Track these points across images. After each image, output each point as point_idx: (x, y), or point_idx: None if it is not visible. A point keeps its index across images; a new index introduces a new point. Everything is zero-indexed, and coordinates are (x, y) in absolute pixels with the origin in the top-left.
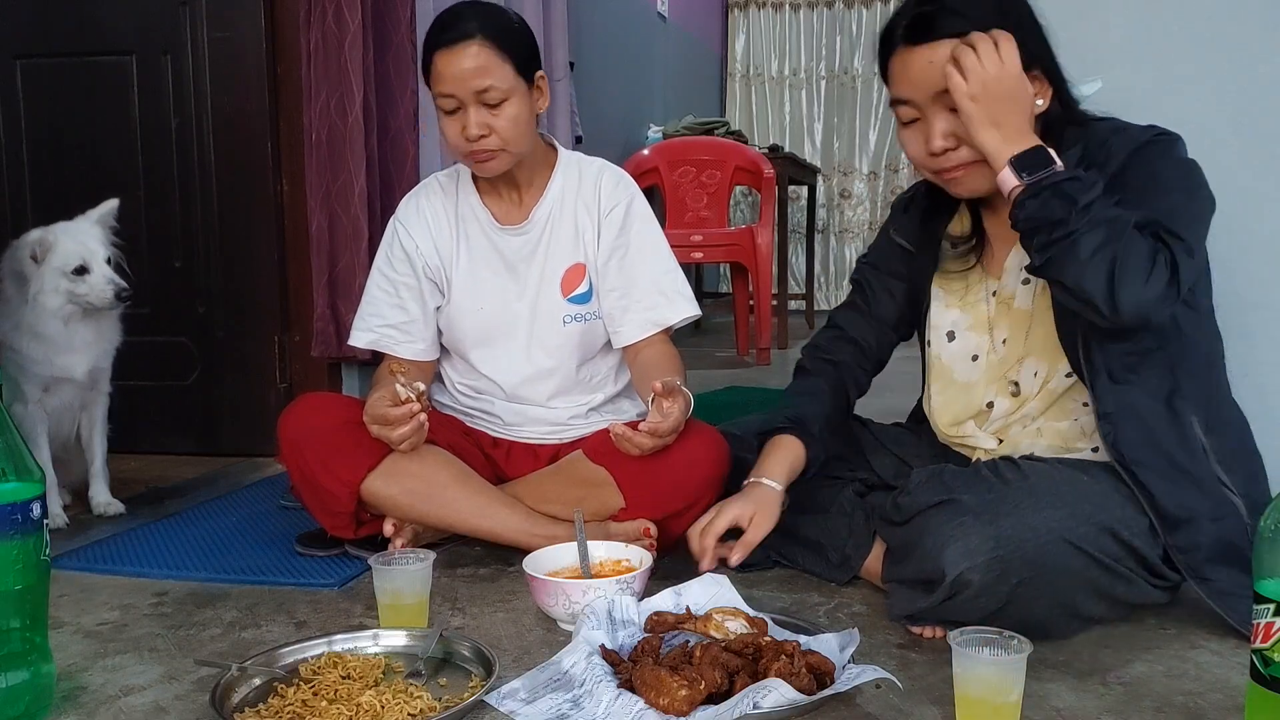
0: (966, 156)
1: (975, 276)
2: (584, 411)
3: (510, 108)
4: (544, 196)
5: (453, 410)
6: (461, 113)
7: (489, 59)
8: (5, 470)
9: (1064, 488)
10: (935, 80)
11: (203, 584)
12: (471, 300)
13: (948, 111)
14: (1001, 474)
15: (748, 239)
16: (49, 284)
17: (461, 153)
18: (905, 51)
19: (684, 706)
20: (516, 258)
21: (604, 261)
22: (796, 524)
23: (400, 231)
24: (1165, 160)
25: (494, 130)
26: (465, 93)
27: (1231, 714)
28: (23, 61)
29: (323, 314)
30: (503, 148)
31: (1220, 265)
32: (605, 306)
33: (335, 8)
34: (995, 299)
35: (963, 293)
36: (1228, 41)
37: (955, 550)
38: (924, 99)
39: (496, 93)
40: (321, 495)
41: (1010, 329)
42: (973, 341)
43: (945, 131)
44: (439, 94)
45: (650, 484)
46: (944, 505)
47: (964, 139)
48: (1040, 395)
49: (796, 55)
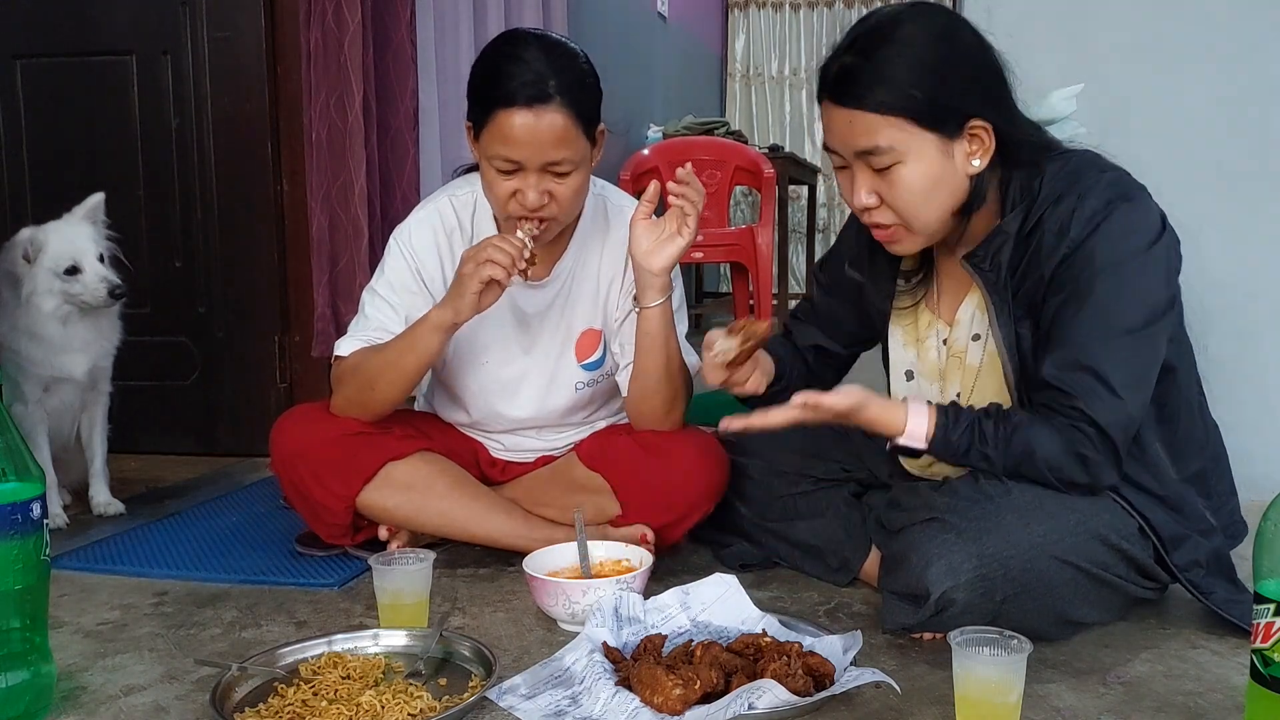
0: (891, 219)
1: (926, 318)
2: (583, 431)
3: (576, 178)
4: (568, 249)
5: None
6: (520, 175)
7: (568, 128)
8: (5, 470)
9: (1048, 498)
10: (854, 142)
11: (203, 584)
12: (472, 353)
13: (872, 172)
14: (984, 489)
15: (748, 239)
16: (42, 285)
17: (509, 215)
18: (829, 105)
19: (678, 705)
20: (532, 313)
21: (620, 320)
22: (794, 529)
23: (410, 260)
24: (1112, 248)
25: (554, 198)
26: (535, 161)
27: (1231, 714)
28: (23, 61)
29: (323, 314)
30: (556, 217)
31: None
32: (614, 351)
33: (335, 7)
34: (947, 349)
35: (915, 332)
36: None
37: (938, 569)
38: (847, 154)
39: (568, 164)
40: (316, 509)
41: (962, 383)
42: (926, 388)
43: (868, 189)
44: (500, 155)
45: (646, 491)
46: (929, 523)
47: (886, 202)
48: None
49: (796, 55)
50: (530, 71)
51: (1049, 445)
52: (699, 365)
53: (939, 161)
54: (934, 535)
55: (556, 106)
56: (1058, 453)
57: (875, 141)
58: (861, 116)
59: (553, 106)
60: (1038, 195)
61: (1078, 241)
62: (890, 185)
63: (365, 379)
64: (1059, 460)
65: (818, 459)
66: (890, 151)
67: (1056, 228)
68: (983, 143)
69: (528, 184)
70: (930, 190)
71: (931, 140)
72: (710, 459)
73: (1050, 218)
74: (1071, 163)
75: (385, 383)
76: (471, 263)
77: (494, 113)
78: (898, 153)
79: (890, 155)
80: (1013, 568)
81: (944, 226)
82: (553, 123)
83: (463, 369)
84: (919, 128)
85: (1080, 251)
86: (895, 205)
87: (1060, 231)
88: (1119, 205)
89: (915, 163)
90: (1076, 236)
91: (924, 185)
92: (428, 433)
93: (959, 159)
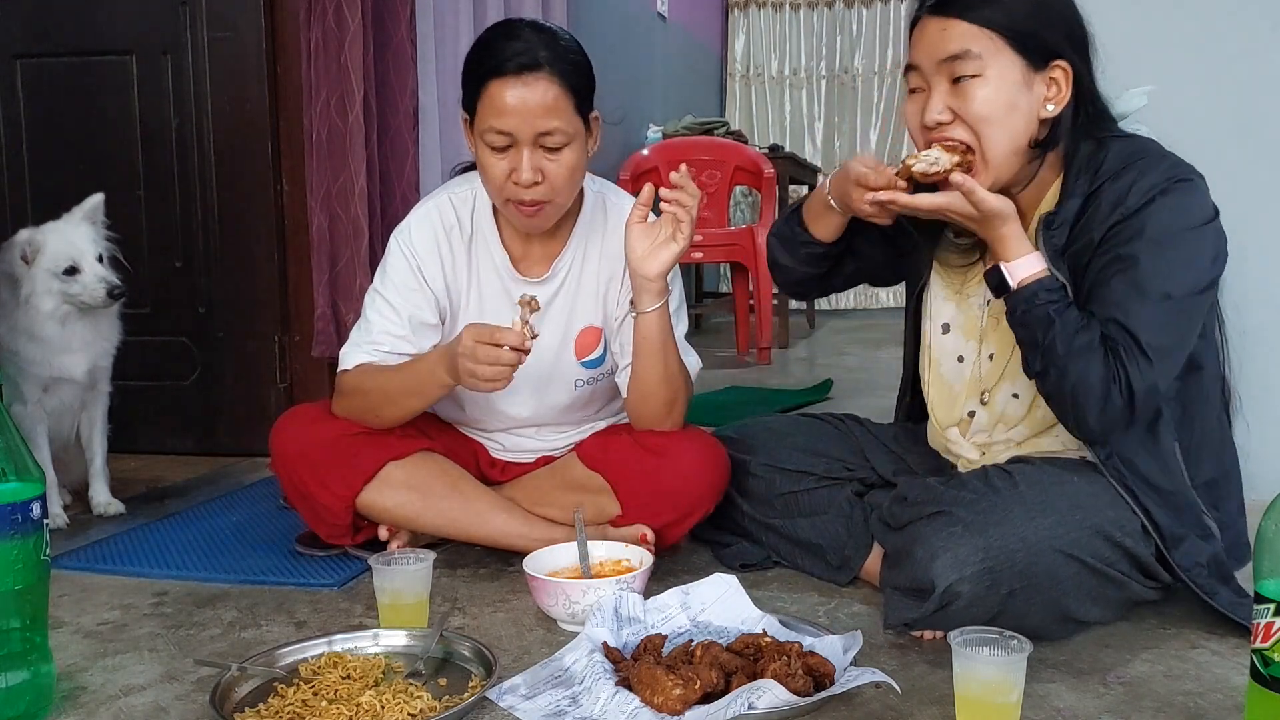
0: (962, 135)
1: (973, 276)
2: (583, 431)
3: (570, 154)
4: (567, 246)
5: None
6: (514, 152)
7: (559, 97)
8: (5, 470)
9: (1054, 494)
10: (943, 48)
11: (203, 584)
12: None
13: (950, 86)
14: (992, 483)
15: (748, 239)
16: (41, 285)
17: (505, 197)
18: (925, 19)
19: (678, 705)
20: None
21: (620, 319)
22: (795, 526)
23: (410, 259)
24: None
25: (547, 177)
26: (526, 131)
27: (1231, 714)
28: (23, 61)
29: (323, 314)
30: (552, 198)
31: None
32: (614, 351)
33: (335, 7)
34: (988, 310)
35: (959, 286)
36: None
37: (945, 561)
38: (930, 66)
39: (560, 135)
40: (316, 509)
41: (998, 346)
42: (962, 344)
43: (943, 104)
44: (492, 128)
45: (646, 491)
46: (936, 516)
47: (961, 116)
48: (1026, 421)
49: (796, 55)
50: (521, 42)
51: (1096, 369)
52: (700, 366)
53: (1017, 88)
54: (941, 528)
55: (546, 75)
56: (1097, 380)
57: (966, 46)
58: (957, 24)
59: (543, 75)
60: (1101, 167)
61: (1131, 210)
62: (966, 99)
63: (368, 405)
64: (1093, 385)
65: (820, 457)
66: (977, 60)
67: (1114, 199)
68: (1059, 88)
69: (521, 161)
70: (1004, 113)
71: (1017, 65)
72: (710, 459)
73: (1109, 189)
74: (1135, 143)
75: (389, 413)
76: (470, 377)
77: (486, 85)
78: (983, 63)
79: (975, 64)
80: (1019, 561)
81: (1010, 165)
82: (544, 91)
83: None
84: (1009, 48)
85: (1132, 220)
86: (968, 118)
87: (1117, 202)
88: (1178, 185)
89: (996, 81)
90: (1131, 206)
91: (999, 105)
92: (428, 433)
93: (1036, 94)
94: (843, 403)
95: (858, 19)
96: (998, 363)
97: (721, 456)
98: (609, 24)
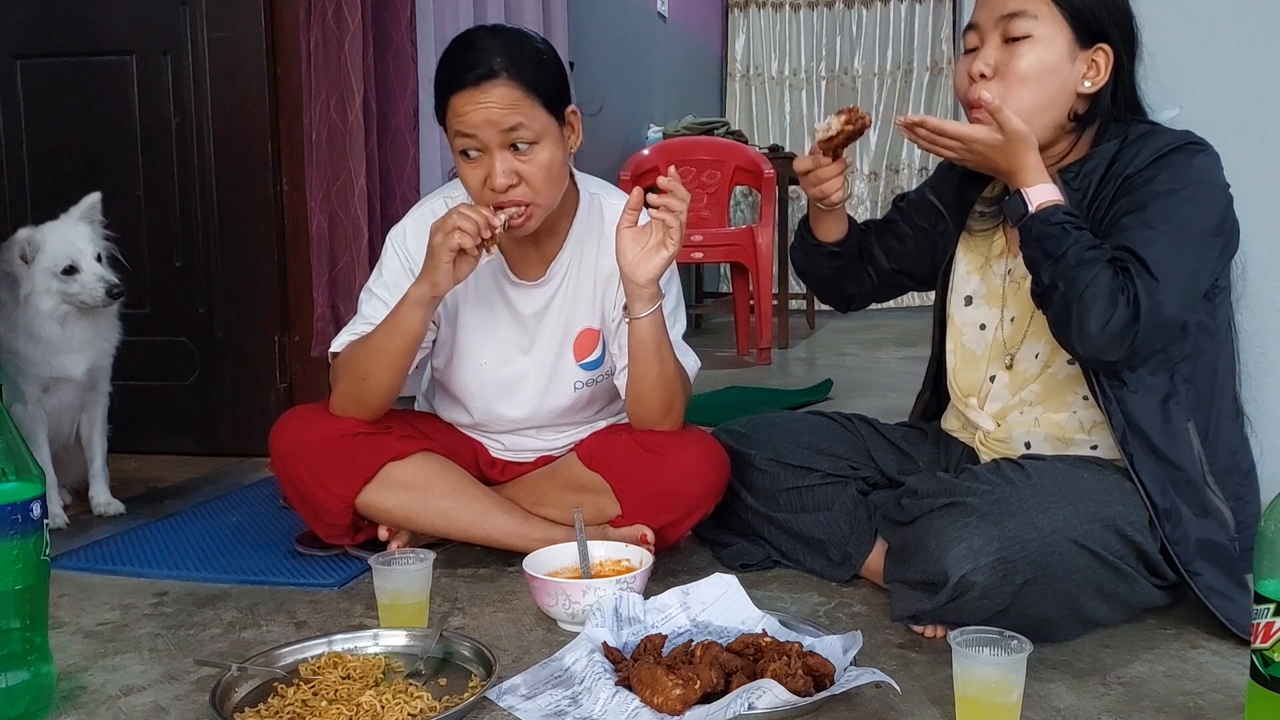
0: (997, 91)
1: (997, 247)
2: (584, 431)
3: (542, 152)
4: (564, 248)
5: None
6: (485, 158)
7: (518, 98)
8: (5, 470)
9: (1067, 486)
10: (1004, 6)
11: (203, 584)
12: (471, 355)
13: (1001, 44)
14: (1005, 475)
15: (748, 239)
16: (40, 285)
17: (486, 204)
18: None
19: (678, 705)
20: (530, 313)
21: (618, 321)
22: (797, 521)
23: (405, 261)
24: (1173, 174)
25: (524, 177)
26: (492, 137)
27: (1231, 714)
28: (23, 61)
29: (323, 314)
30: (533, 198)
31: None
32: (612, 352)
33: (335, 7)
34: (1010, 277)
35: (983, 261)
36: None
37: (959, 552)
38: (989, 21)
39: (526, 132)
40: (316, 509)
41: (1019, 309)
42: (984, 312)
43: (992, 60)
44: (458, 133)
45: (646, 491)
46: (949, 508)
47: (1001, 73)
48: (1041, 379)
49: (796, 55)
50: (476, 53)
51: (1105, 278)
52: (698, 366)
53: (1061, 58)
54: (955, 519)
55: (503, 80)
56: (1104, 288)
57: (1024, 6)
58: None
59: (499, 81)
60: (1125, 141)
61: (1147, 162)
62: (1012, 58)
63: (358, 370)
64: (1100, 291)
65: (826, 455)
66: (1032, 21)
67: (1128, 159)
68: (1099, 70)
69: (493, 166)
70: (1043, 77)
71: (1066, 37)
72: (710, 459)
73: (1125, 154)
74: (1160, 127)
75: (377, 369)
76: (440, 233)
77: (448, 99)
78: (1036, 25)
79: (1028, 25)
80: (1033, 551)
81: (1043, 132)
82: (501, 96)
83: (461, 370)
84: (1063, 18)
85: (1147, 171)
86: (1007, 75)
87: (1130, 160)
88: (1189, 146)
89: (1044, 46)
90: (1144, 161)
91: (1040, 68)
92: (428, 433)
93: (1077, 68)
94: (842, 403)
95: (858, 19)
96: (1019, 325)
97: (721, 456)
98: (609, 24)
